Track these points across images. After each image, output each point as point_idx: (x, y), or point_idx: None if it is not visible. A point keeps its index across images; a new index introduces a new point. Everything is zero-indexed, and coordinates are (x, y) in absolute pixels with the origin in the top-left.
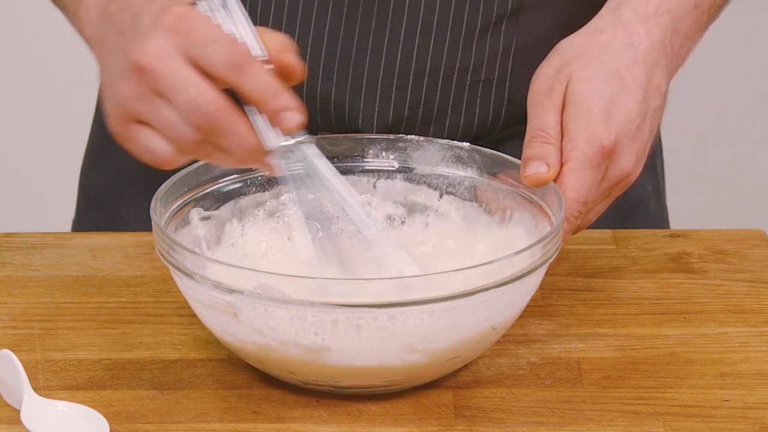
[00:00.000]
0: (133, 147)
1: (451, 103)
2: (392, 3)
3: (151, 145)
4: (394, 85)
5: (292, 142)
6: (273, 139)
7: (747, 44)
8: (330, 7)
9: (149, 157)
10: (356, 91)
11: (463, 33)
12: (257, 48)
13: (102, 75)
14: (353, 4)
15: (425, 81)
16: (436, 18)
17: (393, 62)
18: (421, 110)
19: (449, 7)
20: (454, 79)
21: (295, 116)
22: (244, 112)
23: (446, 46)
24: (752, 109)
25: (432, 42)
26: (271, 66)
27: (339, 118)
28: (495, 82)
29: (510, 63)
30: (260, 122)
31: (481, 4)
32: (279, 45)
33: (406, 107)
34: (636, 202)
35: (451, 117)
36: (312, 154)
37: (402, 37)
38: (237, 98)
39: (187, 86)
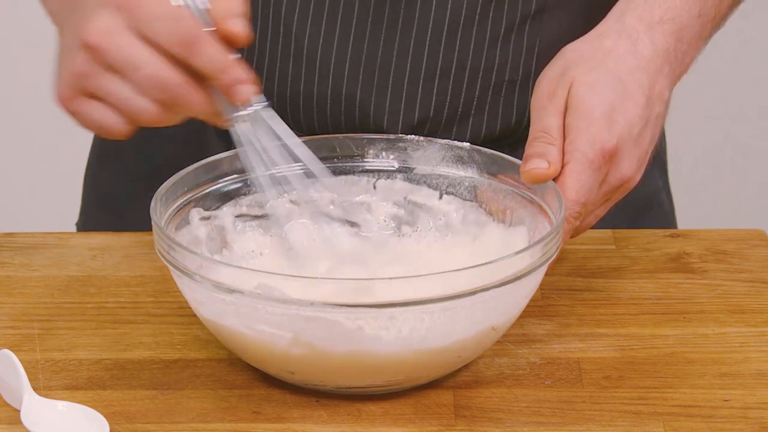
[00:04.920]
0: (81, 120)
1: (475, 104)
2: (419, 3)
3: (103, 118)
4: (420, 86)
5: (247, 112)
6: (230, 108)
7: (748, 45)
8: (356, 7)
9: (98, 129)
10: (382, 92)
11: (488, 33)
12: (205, 17)
13: (58, 49)
14: (379, 3)
15: (451, 81)
16: (462, 18)
17: (419, 62)
18: (446, 111)
19: (475, 8)
20: (479, 80)
21: (247, 89)
22: (201, 80)
23: (472, 46)
24: (752, 109)
25: (458, 42)
26: (214, 31)
27: (363, 119)
28: (519, 82)
29: (533, 63)
30: (217, 91)
31: (506, 4)
32: (223, 10)
33: (432, 107)
34: (649, 198)
35: (475, 117)
36: (269, 117)
37: (428, 38)
38: None
39: (142, 63)
